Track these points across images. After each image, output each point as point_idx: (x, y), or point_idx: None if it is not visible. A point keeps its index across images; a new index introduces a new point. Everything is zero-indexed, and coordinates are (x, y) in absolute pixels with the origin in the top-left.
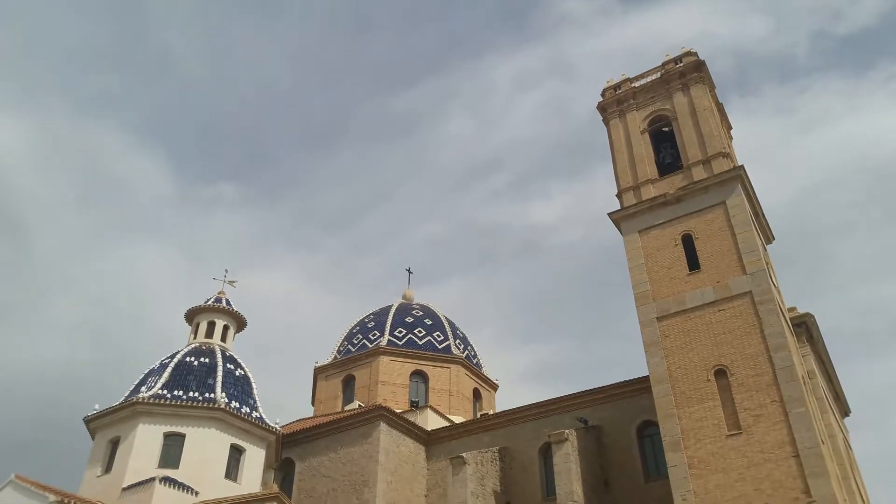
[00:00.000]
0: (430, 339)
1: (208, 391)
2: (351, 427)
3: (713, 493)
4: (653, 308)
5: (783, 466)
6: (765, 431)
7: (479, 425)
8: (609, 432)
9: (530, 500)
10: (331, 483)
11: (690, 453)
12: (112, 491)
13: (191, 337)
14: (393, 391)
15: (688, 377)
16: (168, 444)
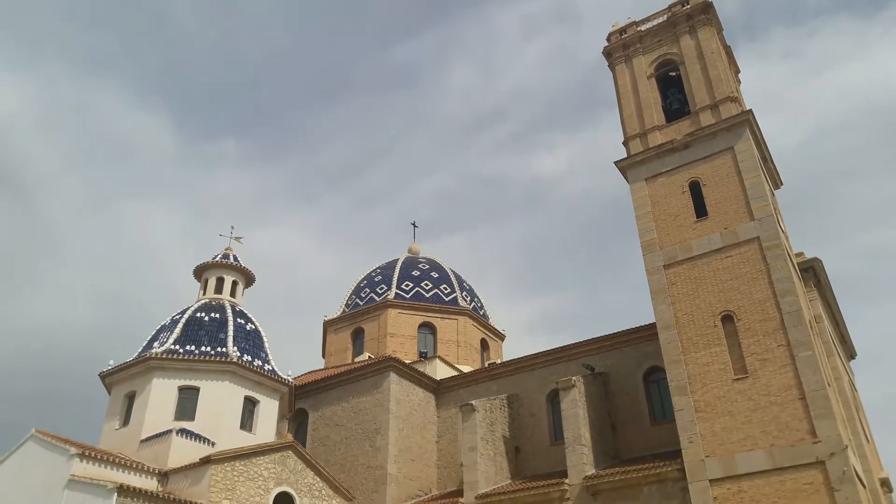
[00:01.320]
0: (437, 291)
1: (220, 345)
2: (362, 378)
3: (719, 435)
4: (659, 256)
5: (789, 409)
6: (771, 375)
7: (487, 374)
8: (616, 378)
9: (539, 444)
10: (344, 431)
11: (697, 397)
12: (131, 443)
13: (200, 293)
14: (402, 343)
15: (694, 323)
16: (183, 398)
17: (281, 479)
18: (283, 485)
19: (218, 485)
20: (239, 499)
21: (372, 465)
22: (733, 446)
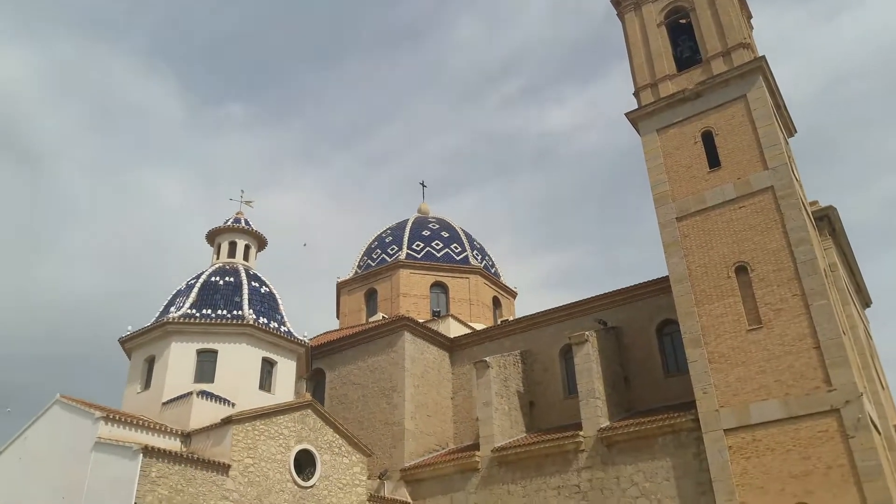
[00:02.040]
0: (448, 251)
1: (236, 308)
2: (377, 337)
3: (734, 385)
4: (672, 208)
5: (804, 358)
6: (786, 325)
7: (500, 331)
8: (629, 332)
9: (552, 398)
10: (361, 390)
11: (711, 348)
12: (153, 406)
13: (213, 258)
14: (415, 302)
15: (708, 275)
16: (202, 361)
17: (301, 436)
18: (303, 442)
19: (240, 444)
20: (261, 457)
21: (389, 422)
22: (747, 396)
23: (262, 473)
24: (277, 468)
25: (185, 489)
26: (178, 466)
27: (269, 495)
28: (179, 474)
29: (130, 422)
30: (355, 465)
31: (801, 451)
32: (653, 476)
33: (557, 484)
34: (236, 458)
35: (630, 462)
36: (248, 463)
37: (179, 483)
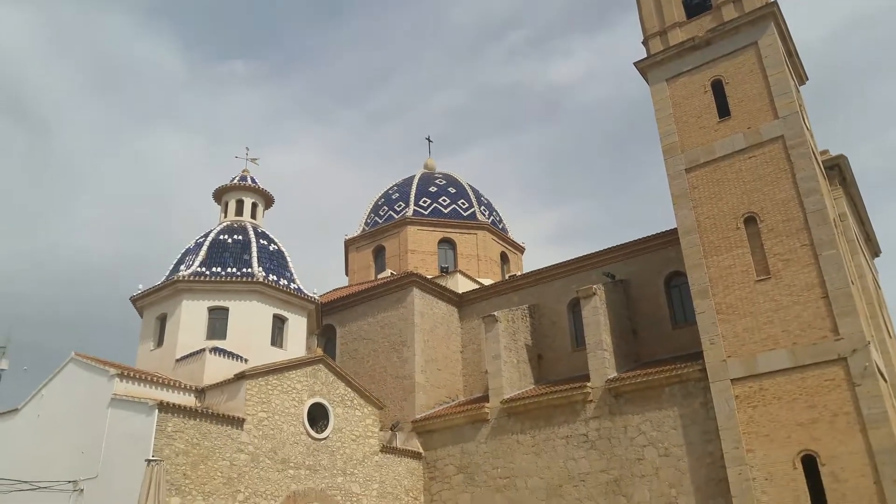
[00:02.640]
0: (455, 206)
1: (245, 266)
2: (386, 293)
3: (741, 336)
4: (681, 159)
5: (812, 308)
6: (794, 275)
7: (508, 286)
8: (636, 285)
9: (560, 351)
10: (371, 345)
11: (719, 299)
12: (166, 363)
13: (221, 216)
14: (422, 259)
15: (716, 227)
16: (213, 318)
17: (314, 390)
18: (315, 396)
19: (254, 398)
20: (274, 410)
21: (400, 375)
22: (755, 346)
23: (277, 426)
24: (291, 421)
25: (201, 443)
26: (193, 421)
27: (283, 448)
28: (195, 428)
29: (145, 378)
30: (367, 417)
31: (807, 399)
32: (660, 425)
33: (566, 433)
34: (250, 412)
35: (637, 412)
36: (262, 417)
37: (195, 437)
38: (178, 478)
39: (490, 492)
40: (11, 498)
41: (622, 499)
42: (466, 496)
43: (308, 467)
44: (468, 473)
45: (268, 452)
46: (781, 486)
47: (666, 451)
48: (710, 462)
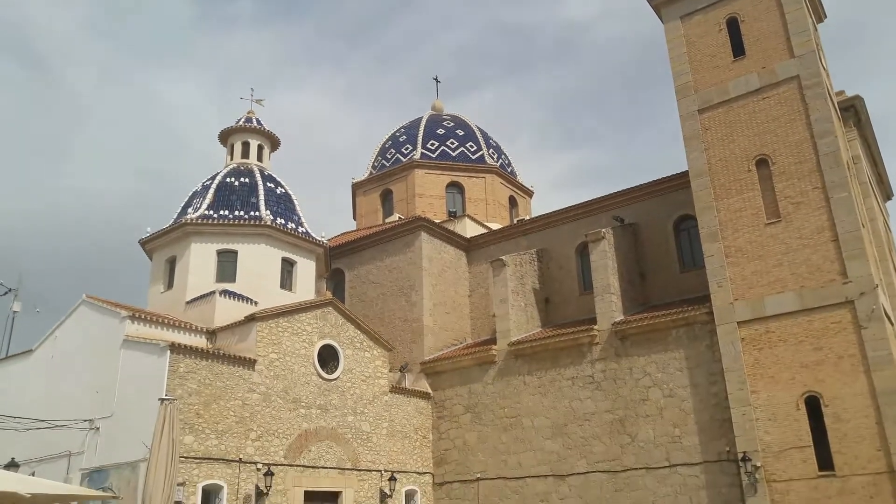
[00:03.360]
0: (463, 149)
1: (253, 209)
2: (394, 237)
3: (749, 279)
4: (694, 100)
5: (821, 251)
6: (804, 218)
7: (516, 230)
8: (645, 228)
9: (568, 295)
10: (380, 289)
11: (728, 243)
12: (177, 305)
13: (227, 159)
14: (430, 203)
15: (728, 169)
16: (222, 261)
17: (324, 332)
18: (325, 338)
19: (264, 340)
20: (285, 352)
21: (409, 319)
22: (762, 289)
23: (288, 367)
24: (302, 362)
25: (214, 383)
26: (205, 362)
27: (294, 388)
28: (207, 369)
29: (156, 320)
30: (377, 358)
31: (813, 341)
32: (665, 367)
33: (572, 375)
34: (261, 354)
35: (643, 354)
36: (273, 358)
37: (207, 377)
38: (191, 417)
39: (497, 430)
40: (30, 436)
41: (626, 437)
42: (474, 434)
43: (319, 407)
44: (475, 413)
45: (279, 392)
46: (784, 426)
47: (671, 392)
48: (715, 403)
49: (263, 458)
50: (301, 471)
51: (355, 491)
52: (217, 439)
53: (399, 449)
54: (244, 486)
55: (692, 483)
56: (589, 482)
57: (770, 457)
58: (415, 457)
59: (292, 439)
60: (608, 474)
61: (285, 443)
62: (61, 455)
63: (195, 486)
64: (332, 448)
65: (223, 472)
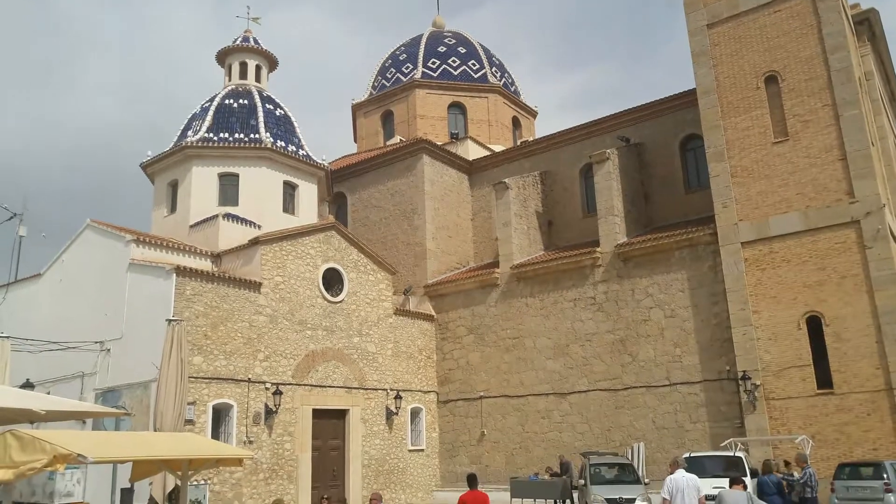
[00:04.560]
0: (465, 68)
1: (253, 132)
2: (396, 160)
3: (754, 199)
4: (703, 14)
5: (828, 170)
6: (813, 136)
7: (519, 152)
8: (651, 148)
9: (571, 217)
10: (382, 212)
11: (734, 162)
12: (180, 229)
13: (225, 80)
14: (432, 124)
15: (736, 86)
16: (224, 184)
17: (327, 256)
18: (329, 261)
19: (269, 263)
20: (290, 275)
21: (411, 242)
22: (767, 209)
23: (293, 290)
24: (307, 285)
25: (220, 305)
26: (211, 285)
27: (300, 310)
28: (213, 292)
29: (161, 244)
30: (381, 282)
31: (816, 262)
32: (667, 288)
33: (573, 297)
34: (266, 277)
35: (646, 275)
36: (278, 281)
37: (214, 300)
38: (199, 338)
39: (499, 351)
40: (43, 357)
41: (627, 357)
42: (477, 355)
43: (325, 328)
44: (478, 334)
45: (285, 314)
46: (785, 345)
47: (672, 313)
48: (716, 323)
49: (272, 377)
50: (309, 390)
51: (362, 409)
52: (226, 360)
53: (404, 369)
54: (253, 404)
55: (692, 401)
56: (589, 400)
57: (770, 375)
58: (419, 376)
59: (299, 360)
60: (609, 392)
61: (293, 363)
62: (74, 376)
63: (205, 404)
64: (339, 368)
65: (232, 391)
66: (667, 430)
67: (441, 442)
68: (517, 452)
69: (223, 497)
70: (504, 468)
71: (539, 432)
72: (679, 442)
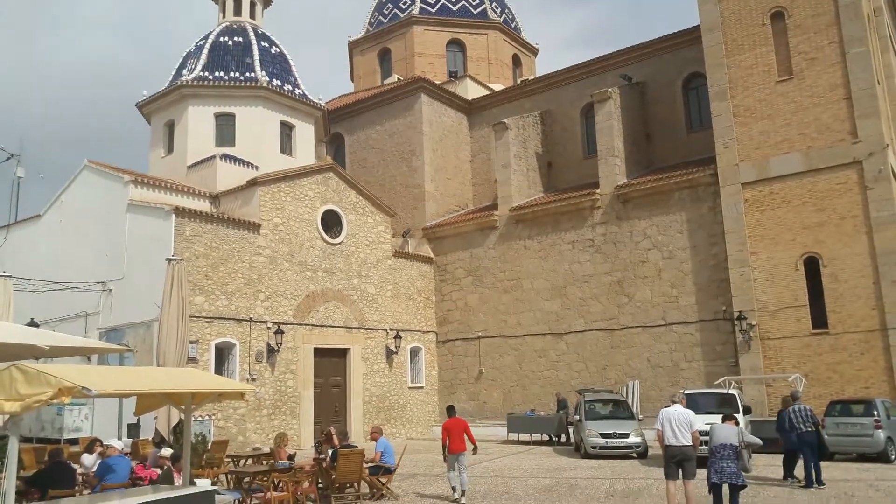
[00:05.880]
0: (464, 3)
1: (248, 70)
2: (393, 100)
3: (756, 139)
4: None
5: (832, 109)
6: (818, 75)
7: (519, 91)
8: (653, 87)
9: (571, 158)
10: (380, 154)
11: (737, 102)
12: (178, 170)
13: (220, 16)
14: (430, 63)
15: (741, 22)
16: (220, 124)
17: (325, 198)
18: (328, 203)
19: (267, 204)
20: (288, 216)
21: (410, 184)
22: (769, 150)
23: (292, 232)
24: (306, 227)
25: (220, 246)
26: (210, 226)
27: (300, 251)
28: (212, 233)
29: (159, 184)
30: (379, 224)
31: (816, 203)
32: (666, 229)
33: (572, 239)
34: (265, 218)
35: (645, 217)
36: (277, 222)
37: (213, 241)
38: (200, 278)
39: (497, 292)
40: (46, 298)
41: (624, 298)
42: (475, 296)
43: (325, 270)
44: (477, 276)
45: (285, 256)
46: (781, 286)
47: (670, 254)
48: (714, 264)
49: (273, 317)
50: (310, 329)
51: (362, 348)
52: (227, 300)
53: (403, 310)
54: (255, 343)
55: (687, 340)
56: (585, 339)
57: (765, 316)
58: (419, 317)
59: (300, 300)
60: (605, 332)
61: (293, 303)
62: (78, 315)
63: (208, 343)
64: (339, 308)
65: (234, 330)
66: (661, 369)
67: (440, 380)
68: (514, 390)
69: (227, 432)
70: (501, 405)
71: (536, 371)
72: (673, 380)
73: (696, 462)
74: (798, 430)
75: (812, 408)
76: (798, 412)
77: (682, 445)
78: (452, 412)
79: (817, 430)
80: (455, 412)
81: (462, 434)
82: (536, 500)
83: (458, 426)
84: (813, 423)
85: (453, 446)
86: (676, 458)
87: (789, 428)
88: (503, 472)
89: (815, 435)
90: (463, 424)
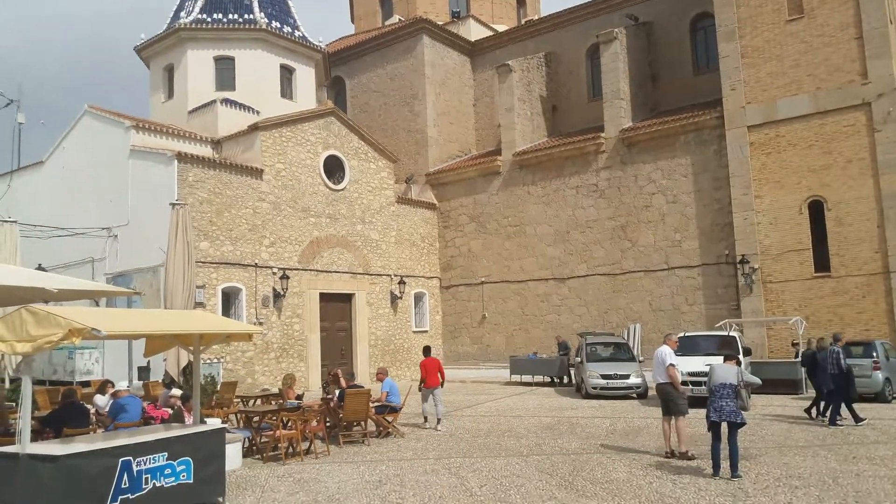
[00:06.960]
0: None
1: (247, 12)
2: (395, 42)
3: (764, 81)
4: None
5: (843, 50)
6: (829, 13)
7: (524, 32)
8: (660, 27)
9: (576, 101)
10: (382, 98)
11: (745, 42)
12: (179, 115)
13: None
14: (432, 2)
15: None
16: (220, 68)
17: (328, 143)
18: (330, 149)
19: (269, 150)
20: (291, 162)
21: (412, 129)
22: (777, 92)
23: (295, 177)
24: (308, 172)
25: (223, 192)
26: (213, 171)
27: (303, 197)
28: (215, 178)
29: (160, 130)
30: (382, 170)
31: (823, 145)
32: (671, 173)
33: (576, 184)
34: (268, 164)
35: (650, 161)
36: (279, 168)
37: (217, 186)
38: (205, 224)
39: (501, 238)
40: (52, 244)
41: (626, 243)
42: (478, 242)
43: (328, 216)
44: (480, 222)
45: (288, 202)
46: (785, 230)
47: (674, 199)
48: (718, 208)
49: (278, 262)
50: (315, 275)
51: (367, 293)
52: (232, 245)
53: (407, 255)
54: (261, 288)
55: (689, 284)
56: (588, 284)
57: (768, 259)
58: (422, 263)
59: (304, 246)
60: (607, 277)
61: (298, 249)
62: (84, 261)
63: (215, 288)
64: (343, 254)
65: (240, 275)
66: (663, 312)
67: (444, 324)
68: (517, 333)
69: (236, 374)
70: (504, 348)
71: (538, 315)
72: (675, 323)
73: (681, 399)
74: (833, 372)
75: (841, 350)
76: (832, 354)
77: (660, 383)
78: (428, 352)
79: (849, 372)
80: (430, 352)
81: (437, 371)
82: (538, 438)
83: (433, 364)
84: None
85: (429, 381)
86: (660, 395)
87: (831, 369)
88: (506, 412)
89: (842, 377)
90: (437, 363)
